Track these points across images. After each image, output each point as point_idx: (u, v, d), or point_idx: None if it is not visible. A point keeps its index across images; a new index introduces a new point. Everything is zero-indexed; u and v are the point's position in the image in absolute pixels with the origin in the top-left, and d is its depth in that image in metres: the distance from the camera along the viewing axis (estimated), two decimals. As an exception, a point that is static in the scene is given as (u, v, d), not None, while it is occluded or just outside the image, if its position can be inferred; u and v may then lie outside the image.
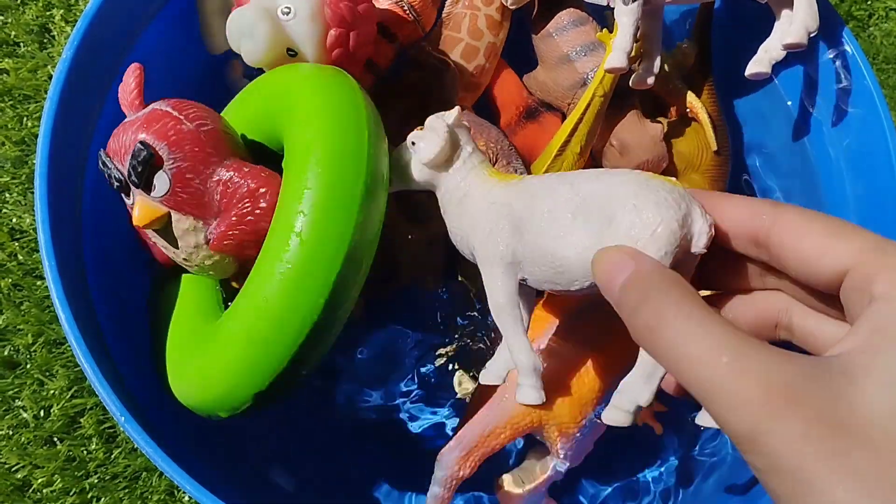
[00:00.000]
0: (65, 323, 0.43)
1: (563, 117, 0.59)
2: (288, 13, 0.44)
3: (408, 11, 0.54)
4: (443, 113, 0.39)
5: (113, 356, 0.47)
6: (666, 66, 0.57)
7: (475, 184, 0.39)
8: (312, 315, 0.37)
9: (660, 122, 0.57)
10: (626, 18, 0.51)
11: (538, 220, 0.35)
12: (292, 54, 0.46)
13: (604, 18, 0.59)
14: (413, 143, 0.39)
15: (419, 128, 0.40)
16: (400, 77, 0.55)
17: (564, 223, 0.34)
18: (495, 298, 0.37)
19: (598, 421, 0.48)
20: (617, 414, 0.34)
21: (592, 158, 0.57)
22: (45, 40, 0.69)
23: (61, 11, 0.69)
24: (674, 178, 0.33)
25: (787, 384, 0.22)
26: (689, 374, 0.23)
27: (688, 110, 0.58)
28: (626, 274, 0.27)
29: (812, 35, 0.48)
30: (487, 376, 0.41)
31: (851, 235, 0.25)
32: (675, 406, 0.56)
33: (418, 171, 0.40)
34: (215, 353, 0.39)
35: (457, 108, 0.39)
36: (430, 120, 0.38)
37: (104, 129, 0.48)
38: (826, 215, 0.26)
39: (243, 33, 0.45)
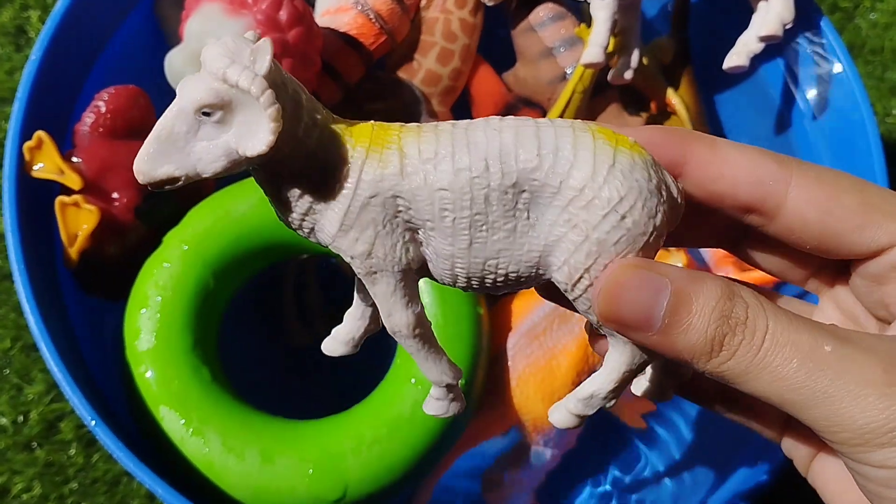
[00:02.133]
0: (34, 326, 0.42)
1: (543, 113, 0.58)
2: None
3: (375, 21, 0.54)
4: (247, 54, 0.21)
5: (87, 362, 0.47)
6: (644, 60, 0.57)
7: (336, 157, 0.22)
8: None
9: (640, 115, 0.57)
10: (602, 13, 0.50)
11: (455, 224, 0.23)
12: None
13: (581, 13, 0.58)
14: (207, 115, 0.21)
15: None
16: (364, 111, 0.55)
17: (499, 227, 0.23)
18: (397, 322, 0.24)
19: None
20: (563, 415, 0.26)
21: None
22: (22, 42, 0.68)
23: (38, 13, 0.69)
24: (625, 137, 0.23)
25: None
26: (785, 384, 0.20)
27: (667, 104, 0.58)
28: (665, 299, 0.21)
29: (788, 27, 0.48)
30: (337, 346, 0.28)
31: (893, 209, 0.23)
32: (660, 405, 0.56)
33: (225, 163, 0.21)
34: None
35: (266, 43, 0.21)
36: (233, 73, 0.21)
37: (76, 121, 0.48)
38: (849, 179, 0.23)
39: (175, 80, 0.46)
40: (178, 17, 0.52)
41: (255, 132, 0.21)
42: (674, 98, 0.57)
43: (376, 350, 0.57)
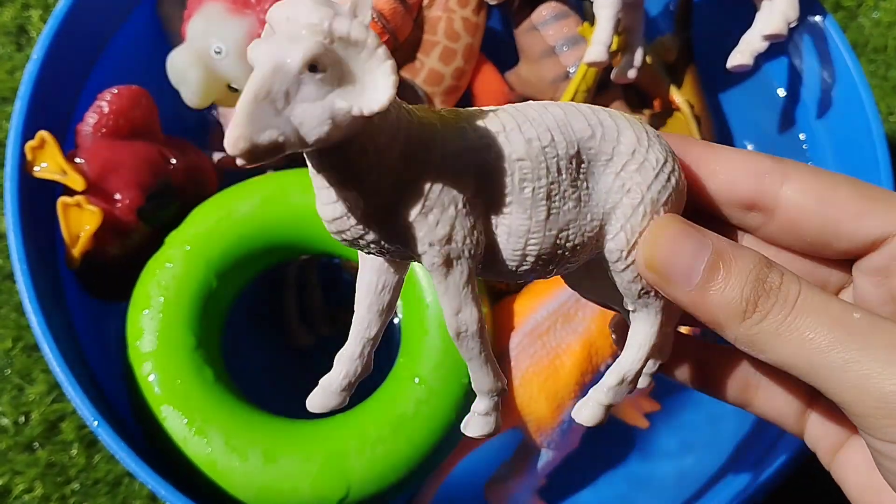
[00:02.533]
0: (36, 327, 0.42)
1: (546, 112, 0.58)
2: (220, 52, 0.45)
3: (377, 21, 0.53)
4: (345, 5, 0.19)
5: (90, 363, 0.47)
6: (648, 59, 0.57)
7: (414, 133, 0.21)
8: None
9: (644, 114, 0.57)
10: (605, 11, 0.50)
11: (534, 194, 0.22)
12: (235, 90, 0.46)
13: (584, 12, 0.58)
14: (313, 71, 0.18)
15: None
16: None
17: (569, 197, 0.22)
18: (467, 318, 0.22)
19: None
20: (593, 410, 0.25)
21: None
22: (23, 41, 0.68)
23: (39, 12, 0.68)
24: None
25: None
26: (814, 347, 0.20)
27: (671, 102, 0.58)
28: (706, 255, 0.21)
29: (792, 25, 0.47)
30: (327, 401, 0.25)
31: (891, 200, 0.24)
32: (665, 404, 0.55)
33: (333, 128, 0.19)
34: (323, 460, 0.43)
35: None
36: (341, 25, 0.18)
37: (78, 123, 0.48)
38: (844, 176, 0.24)
39: (177, 80, 0.45)
40: (180, 16, 0.52)
41: (370, 87, 0.19)
42: (677, 96, 0.57)
43: (380, 350, 0.57)
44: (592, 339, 0.48)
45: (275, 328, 0.57)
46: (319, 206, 0.21)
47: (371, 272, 0.24)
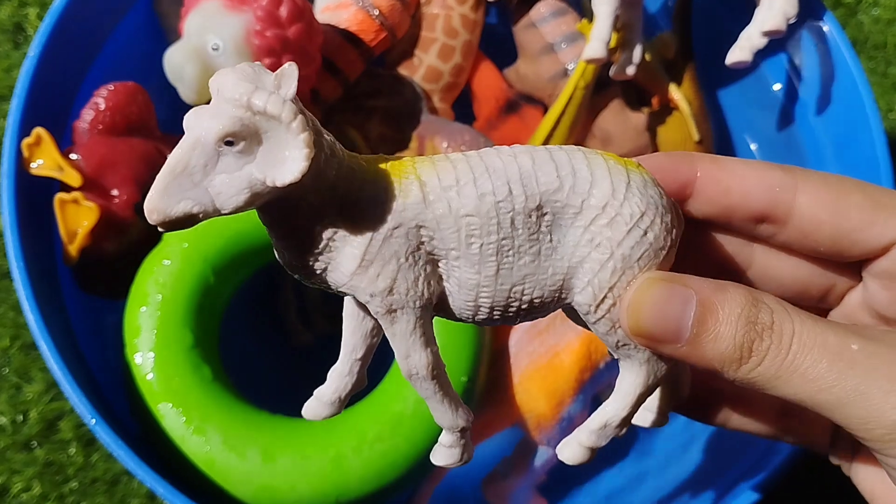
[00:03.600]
0: (33, 325, 0.42)
1: (545, 109, 0.58)
2: (217, 49, 0.44)
3: (376, 18, 0.53)
4: (271, 80, 0.20)
5: (87, 361, 0.47)
6: (647, 57, 0.57)
7: (356, 189, 0.22)
8: None
9: (642, 111, 0.56)
10: (604, 8, 0.50)
11: (482, 251, 0.22)
12: None
13: (582, 9, 0.58)
14: (230, 145, 0.19)
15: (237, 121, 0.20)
16: (366, 107, 0.55)
17: (525, 251, 0.22)
18: (416, 364, 0.23)
19: (578, 414, 0.48)
20: (575, 450, 0.26)
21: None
22: (20, 39, 0.68)
23: (36, 10, 0.68)
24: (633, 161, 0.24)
25: None
26: (816, 385, 0.20)
27: (669, 100, 0.58)
28: (691, 310, 0.21)
29: (791, 21, 0.47)
30: (320, 409, 0.27)
31: None
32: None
33: (249, 196, 0.20)
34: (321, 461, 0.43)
35: (292, 67, 0.21)
36: (259, 99, 0.19)
37: (76, 117, 0.47)
38: (854, 181, 0.24)
39: (174, 77, 0.45)
40: (177, 13, 0.51)
41: (285, 160, 0.19)
42: (676, 94, 0.57)
43: (378, 348, 0.57)
44: (592, 336, 0.48)
45: (273, 326, 0.57)
46: (274, 249, 0.22)
47: (352, 299, 0.24)
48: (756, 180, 0.24)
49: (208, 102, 0.20)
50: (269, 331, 0.58)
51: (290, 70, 0.20)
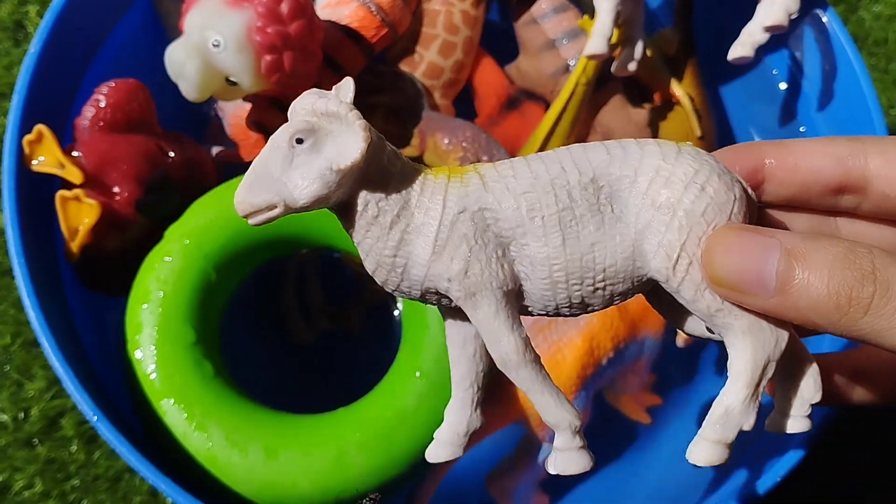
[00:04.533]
0: (34, 322, 0.42)
1: (546, 105, 0.58)
2: (218, 45, 0.44)
3: (376, 14, 0.53)
4: (331, 91, 0.24)
5: (89, 357, 0.47)
6: (649, 52, 0.57)
7: (418, 189, 0.24)
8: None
9: (644, 107, 0.56)
10: (605, 3, 0.50)
11: (545, 222, 0.23)
12: (233, 83, 0.46)
13: (583, 5, 0.58)
14: (300, 143, 0.23)
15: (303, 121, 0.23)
16: (366, 104, 0.55)
17: (588, 220, 0.23)
18: (505, 348, 0.24)
19: (580, 410, 0.48)
20: (706, 449, 0.24)
21: (575, 146, 0.56)
22: (20, 37, 0.68)
23: (36, 7, 0.68)
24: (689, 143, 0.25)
25: None
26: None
27: (671, 96, 0.57)
28: (775, 258, 0.20)
29: (793, 17, 0.47)
30: (440, 451, 0.27)
31: None
32: (667, 399, 0.55)
33: (320, 185, 0.22)
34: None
35: (348, 81, 0.24)
36: (321, 103, 0.23)
37: (77, 114, 0.47)
38: None
39: (175, 74, 0.45)
40: (178, 10, 0.51)
41: (347, 145, 0.22)
42: (678, 90, 0.57)
43: (381, 344, 0.57)
44: (594, 332, 0.48)
45: (275, 323, 0.57)
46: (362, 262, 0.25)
47: (452, 325, 0.26)
48: (822, 154, 0.24)
49: (209, 100, 0.22)
50: (271, 328, 0.58)
51: (346, 84, 0.24)
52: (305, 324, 0.57)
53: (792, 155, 0.24)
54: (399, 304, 0.49)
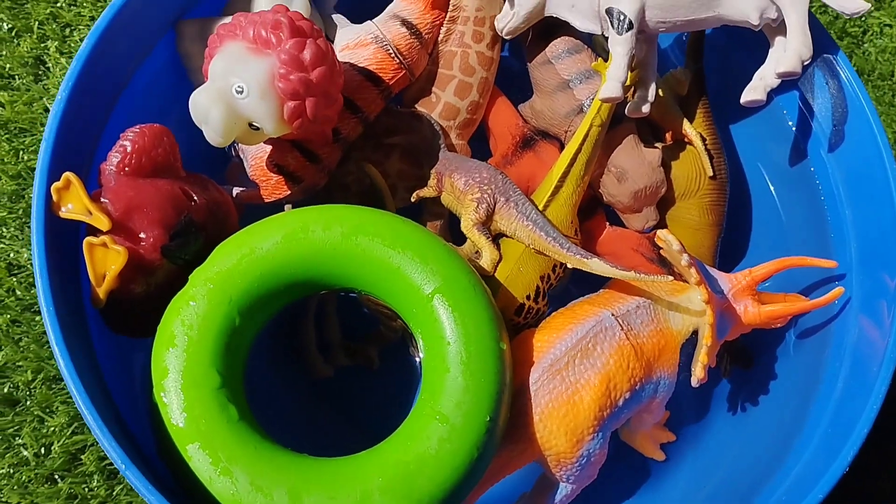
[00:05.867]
0: (64, 368, 0.43)
1: (561, 145, 0.59)
2: (241, 92, 0.45)
3: (394, 56, 0.54)
4: None
5: (115, 400, 0.47)
6: (661, 92, 0.58)
7: None
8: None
9: (657, 147, 0.57)
10: (620, 48, 0.51)
11: None
12: (256, 128, 0.47)
13: (596, 45, 0.59)
14: None
15: None
16: (385, 145, 0.56)
17: None
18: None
19: (598, 451, 0.48)
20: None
21: (589, 186, 0.57)
22: (41, 72, 0.69)
23: (56, 43, 0.69)
24: None
25: None
26: None
27: (683, 135, 0.58)
28: None
29: (806, 63, 0.48)
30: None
31: None
32: (681, 435, 0.56)
33: None
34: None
35: None
36: None
37: (102, 157, 0.48)
38: None
39: (200, 119, 0.46)
40: (199, 52, 0.52)
41: None
42: (689, 129, 0.58)
43: (397, 380, 0.58)
44: (611, 373, 0.48)
45: (293, 359, 0.58)
46: None
47: None
48: None
49: (232, 145, 0.23)
50: (288, 363, 0.58)
51: None
52: (323, 359, 0.58)
53: None
54: (420, 350, 0.49)
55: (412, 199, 0.56)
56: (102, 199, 0.46)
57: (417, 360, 0.58)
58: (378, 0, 0.57)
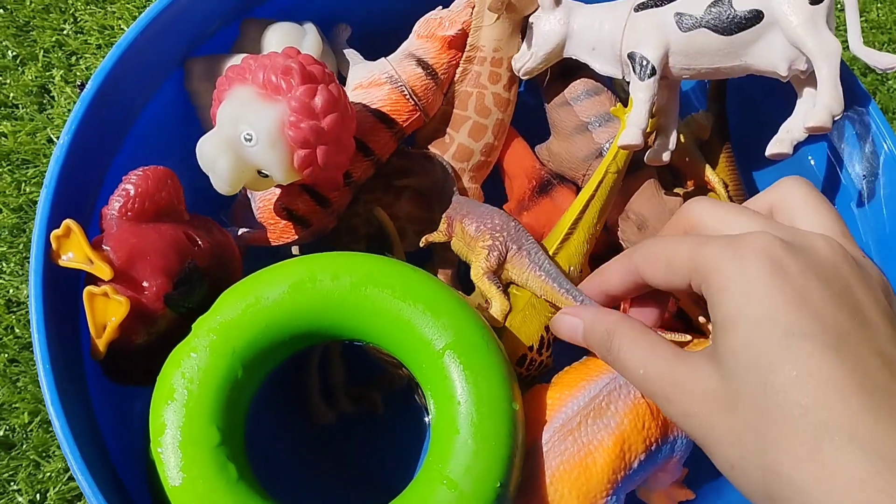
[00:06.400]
0: (57, 425, 0.41)
1: (577, 189, 0.57)
2: (250, 139, 0.44)
3: (409, 98, 0.53)
4: None
5: (111, 455, 0.46)
6: (682, 138, 0.56)
7: None
8: None
9: (678, 193, 0.55)
10: (641, 94, 0.49)
11: None
12: (265, 176, 0.45)
13: (615, 88, 0.57)
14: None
15: None
16: (394, 186, 0.54)
17: None
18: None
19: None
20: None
21: (606, 231, 0.55)
22: (45, 101, 0.67)
23: (61, 72, 0.68)
24: None
25: None
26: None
27: (705, 181, 0.57)
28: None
29: (836, 118, 0.46)
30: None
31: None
32: (700, 494, 0.54)
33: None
34: None
35: None
36: None
37: (104, 200, 0.47)
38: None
39: (207, 168, 0.45)
40: (207, 90, 0.51)
41: None
42: (712, 176, 0.56)
43: (407, 446, 0.56)
44: (625, 435, 0.46)
45: (294, 405, 0.56)
46: None
47: None
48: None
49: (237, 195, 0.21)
50: (289, 409, 0.57)
51: None
52: (327, 405, 0.56)
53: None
54: (431, 410, 0.48)
55: (420, 244, 0.54)
56: (104, 247, 0.45)
57: (423, 406, 0.57)
58: (390, 34, 0.56)
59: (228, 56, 0.53)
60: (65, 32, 0.69)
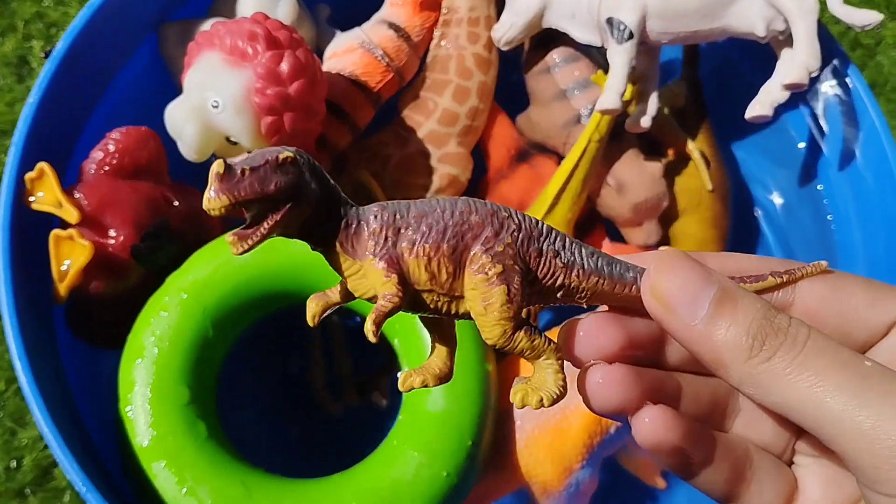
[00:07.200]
0: (25, 384, 0.41)
1: (558, 158, 0.56)
2: (216, 106, 0.43)
3: (381, 59, 0.52)
4: None
5: (81, 413, 0.45)
6: (665, 110, 0.55)
7: None
8: None
9: (659, 160, 0.55)
10: (619, 58, 0.49)
11: None
12: (234, 143, 0.45)
13: (595, 56, 0.56)
14: None
15: None
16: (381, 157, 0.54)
17: None
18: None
19: (587, 480, 0.46)
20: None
21: (589, 200, 0.55)
22: (24, 72, 0.67)
23: (41, 43, 0.67)
24: None
25: None
26: (828, 384, 0.20)
27: (683, 149, 0.56)
28: (712, 290, 0.21)
29: (813, 74, 0.46)
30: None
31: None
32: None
33: None
34: None
35: None
36: None
37: (75, 168, 0.46)
38: (844, 273, 0.24)
39: (175, 134, 0.44)
40: (182, 56, 0.50)
41: None
42: (689, 144, 0.55)
43: (379, 409, 0.55)
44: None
45: (302, 393, 0.55)
46: None
47: None
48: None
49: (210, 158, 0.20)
50: (298, 398, 0.56)
51: None
52: (332, 397, 0.55)
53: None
54: (400, 356, 0.47)
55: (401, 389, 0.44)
56: (76, 194, 0.45)
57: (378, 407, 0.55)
58: (373, 9, 0.55)
59: (203, 20, 0.52)
60: (44, 4, 0.68)
